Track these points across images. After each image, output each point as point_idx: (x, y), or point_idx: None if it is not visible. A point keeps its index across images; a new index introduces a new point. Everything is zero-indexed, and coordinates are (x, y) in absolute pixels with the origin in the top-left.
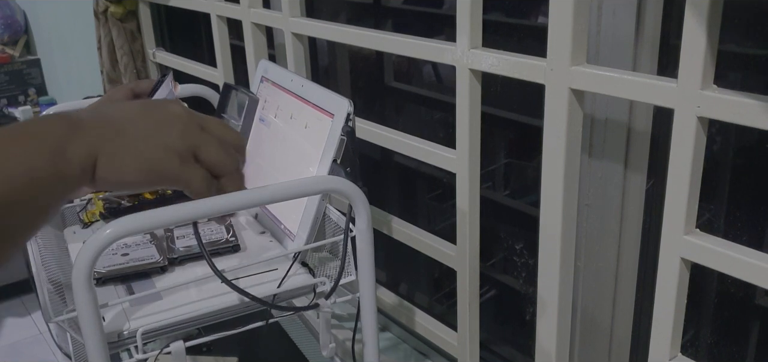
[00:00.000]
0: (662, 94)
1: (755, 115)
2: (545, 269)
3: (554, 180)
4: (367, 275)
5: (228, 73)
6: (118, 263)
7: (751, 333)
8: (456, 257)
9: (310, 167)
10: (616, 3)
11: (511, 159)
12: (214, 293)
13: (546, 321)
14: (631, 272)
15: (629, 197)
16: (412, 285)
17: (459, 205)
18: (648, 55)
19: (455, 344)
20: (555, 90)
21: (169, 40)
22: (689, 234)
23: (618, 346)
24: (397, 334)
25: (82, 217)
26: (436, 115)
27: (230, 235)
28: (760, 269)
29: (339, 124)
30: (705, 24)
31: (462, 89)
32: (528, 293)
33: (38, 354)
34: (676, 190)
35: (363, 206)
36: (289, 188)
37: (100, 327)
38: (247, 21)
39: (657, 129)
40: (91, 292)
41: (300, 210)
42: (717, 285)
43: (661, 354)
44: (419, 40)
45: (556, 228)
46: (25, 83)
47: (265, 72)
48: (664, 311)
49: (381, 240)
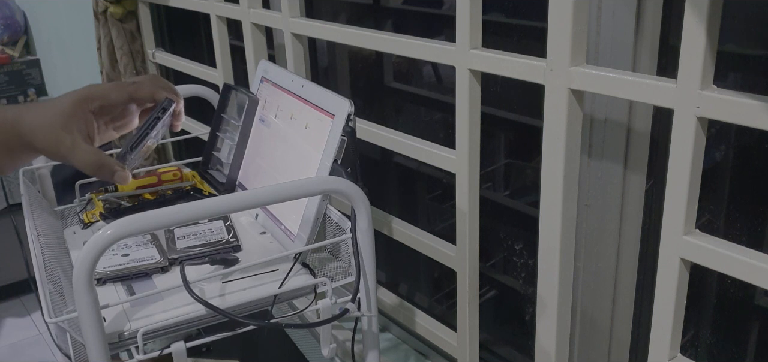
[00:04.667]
0: (662, 94)
1: (755, 115)
2: (545, 269)
3: (554, 180)
4: (368, 275)
5: (228, 74)
6: (118, 263)
7: (751, 334)
8: (456, 257)
9: (310, 168)
10: (616, 3)
11: (510, 159)
12: (215, 294)
13: (546, 321)
14: (630, 272)
15: (629, 197)
16: (412, 286)
17: (459, 205)
18: (648, 55)
19: (455, 344)
20: (554, 90)
21: (168, 41)
22: (689, 235)
23: (618, 346)
24: (397, 335)
25: (83, 218)
26: (436, 116)
27: (231, 236)
28: (760, 269)
29: (339, 125)
30: (705, 24)
31: (462, 89)
32: (528, 293)
33: (38, 355)
34: (675, 191)
35: (364, 206)
36: (289, 188)
37: (100, 327)
38: (246, 21)
39: (657, 129)
40: (91, 293)
41: (300, 210)
42: (717, 286)
43: (660, 354)
44: (419, 40)
45: (555, 229)
46: (24, 83)
47: (265, 72)
48: (663, 311)
49: (381, 240)
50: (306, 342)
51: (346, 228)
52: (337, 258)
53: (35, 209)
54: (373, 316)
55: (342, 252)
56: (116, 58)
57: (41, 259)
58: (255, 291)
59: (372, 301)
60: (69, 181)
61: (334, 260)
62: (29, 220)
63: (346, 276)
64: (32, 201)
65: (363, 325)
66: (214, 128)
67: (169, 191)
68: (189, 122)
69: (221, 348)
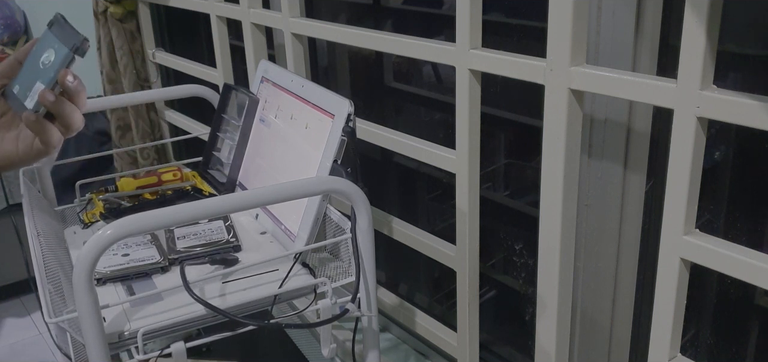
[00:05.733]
0: (662, 94)
1: (755, 115)
2: (545, 269)
3: (554, 180)
4: (368, 275)
5: (228, 74)
6: (118, 263)
7: (750, 333)
8: (456, 257)
9: (310, 168)
10: (616, 3)
11: (510, 159)
12: (215, 294)
13: (546, 321)
14: (630, 272)
15: (629, 197)
16: (412, 286)
17: (459, 205)
18: (648, 55)
19: (455, 344)
20: (554, 90)
21: (168, 41)
22: (689, 235)
23: (617, 346)
24: (397, 335)
25: (83, 218)
26: (436, 116)
27: (231, 236)
28: (760, 269)
29: (340, 125)
30: (705, 24)
31: (462, 89)
32: (527, 293)
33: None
34: (675, 190)
35: (364, 206)
36: (289, 188)
37: (100, 327)
38: (246, 21)
39: (657, 129)
40: (91, 293)
41: (300, 210)
42: (717, 286)
43: (660, 354)
44: (419, 40)
45: (555, 229)
46: None
47: (265, 72)
48: (663, 311)
49: (381, 240)
50: (306, 342)
51: (346, 228)
52: (337, 258)
53: (35, 209)
54: (373, 316)
55: (342, 252)
56: (116, 58)
57: (41, 259)
58: (255, 291)
59: (372, 301)
60: (69, 180)
61: (334, 260)
62: (29, 220)
63: (346, 276)
64: (32, 201)
65: (363, 325)
66: (214, 128)
67: (170, 191)
68: (189, 122)
69: (221, 348)
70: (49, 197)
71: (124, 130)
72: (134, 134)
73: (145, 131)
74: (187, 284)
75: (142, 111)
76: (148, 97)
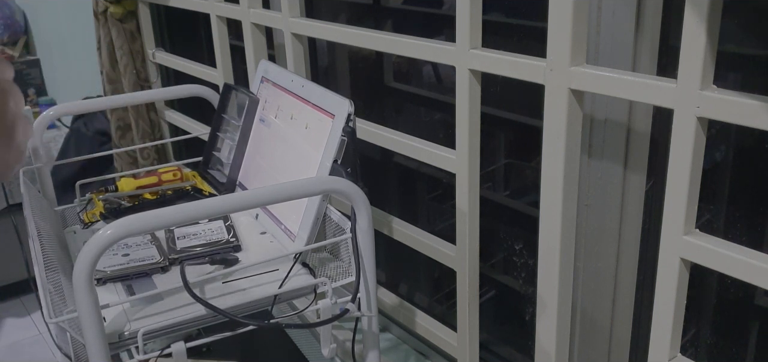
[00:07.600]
0: (662, 94)
1: (755, 115)
2: (545, 269)
3: (554, 180)
4: (368, 275)
5: (228, 74)
6: (118, 263)
7: (751, 334)
8: (456, 257)
9: (310, 168)
10: (616, 3)
11: (510, 159)
12: (215, 294)
13: (546, 321)
14: (630, 272)
15: (629, 197)
16: (412, 286)
17: (459, 205)
18: (648, 55)
19: (455, 344)
20: (554, 90)
21: (168, 41)
22: (689, 235)
23: (617, 346)
24: (397, 335)
25: (83, 218)
26: (436, 116)
27: (231, 236)
28: (760, 269)
29: (340, 125)
30: (705, 24)
31: (462, 89)
32: (527, 293)
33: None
34: (675, 190)
35: (364, 206)
36: (290, 188)
37: (101, 327)
38: (246, 21)
39: (657, 129)
40: (92, 293)
41: (301, 210)
42: (717, 286)
43: (660, 354)
44: (419, 40)
45: (555, 229)
46: (24, 83)
47: (265, 72)
48: (663, 311)
49: (381, 240)
50: (306, 342)
51: (346, 228)
52: (337, 258)
53: (35, 209)
54: (373, 316)
55: (342, 252)
56: (116, 58)
57: (41, 259)
58: (255, 291)
59: (372, 301)
60: (69, 180)
61: (334, 260)
62: (29, 220)
63: (346, 276)
64: (32, 201)
65: (363, 325)
66: (214, 128)
67: (170, 191)
68: (189, 122)
69: (221, 348)
70: (49, 197)
71: (124, 130)
72: (134, 134)
73: (145, 131)
74: (187, 284)
75: (142, 111)
76: (148, 97)
